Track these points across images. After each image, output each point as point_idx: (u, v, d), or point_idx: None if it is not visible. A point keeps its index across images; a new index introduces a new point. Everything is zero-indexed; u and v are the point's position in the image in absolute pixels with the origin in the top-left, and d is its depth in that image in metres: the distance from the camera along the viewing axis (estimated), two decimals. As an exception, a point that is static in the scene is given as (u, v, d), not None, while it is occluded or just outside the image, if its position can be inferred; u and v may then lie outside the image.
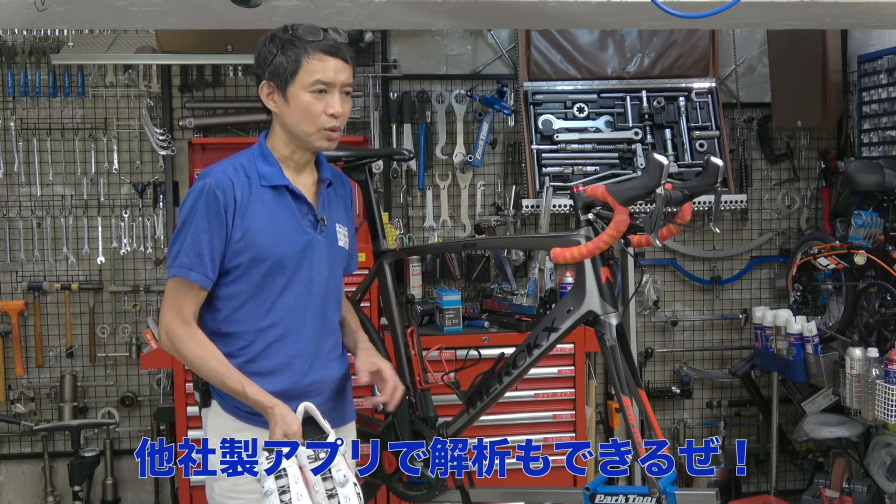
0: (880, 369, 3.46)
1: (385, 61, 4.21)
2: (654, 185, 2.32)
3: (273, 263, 2.23)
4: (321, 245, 2.31)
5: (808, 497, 4.08)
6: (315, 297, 2.31)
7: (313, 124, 2.23)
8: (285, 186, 2.26)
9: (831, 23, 2.97)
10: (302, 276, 2.27)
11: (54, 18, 2.66)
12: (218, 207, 2.19)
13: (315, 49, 2.21)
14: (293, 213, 2.27)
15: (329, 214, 2.36)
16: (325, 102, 2.23)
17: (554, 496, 2.87)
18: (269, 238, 2.23)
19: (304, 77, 2.21)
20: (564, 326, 2.58)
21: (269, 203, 2.24)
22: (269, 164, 2.27)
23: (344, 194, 2.47)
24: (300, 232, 2.27)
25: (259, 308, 2.25)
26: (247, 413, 2.23)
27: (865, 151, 4.04)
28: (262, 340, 2.25)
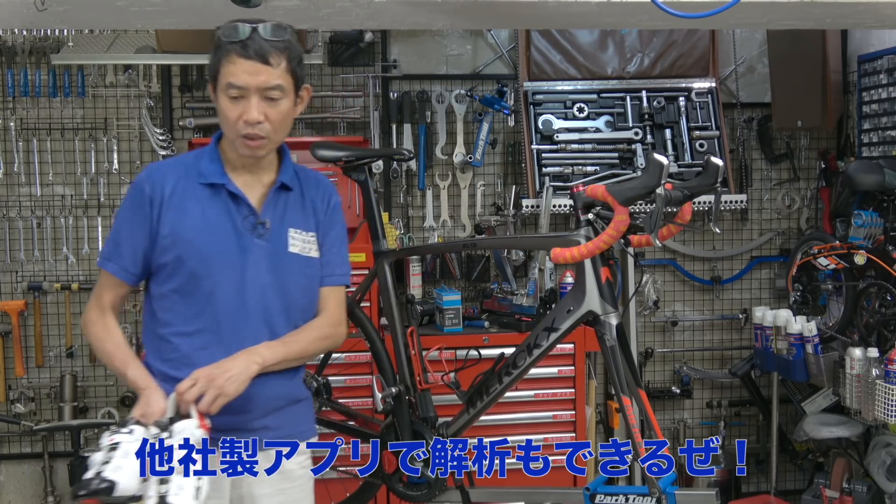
0: (880, 369, 3.46)
1: (385, 61, 4.21)
2: (654, 185, 2.32)
3: (199, 264, 2.14)
4: (260, 249, 2.18)
5: (808, 497, 4.08)
6: (250, 304, 2.17)
7: (231, 130, 2.13)
8: (223, 185, 2.18)
9: (831, 23, 2.97)
10: (233, 280, 2.16)
11: (54, 18, 2.66)
12: (142, 200, 2.14)
13: (230, 51, 2.08)
14: (229, 215, 2.17)
15: (279, 218, 2.22)
16: (242, 108, 2.10)
17: (554, 496, 2.87)
18: (198, 237, 2.14)
19: (221, 80, 2.10)
20: (564, 326, 2.58)
21: (203, 202, 2.16)
22: (211, 163, 2.20)
23: (316, 199, 2.30)
24: (233, 233, 2.17)
25: (187, 311, 2.16)
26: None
27: (865, 151, 4.04)
28: (190, 345, 2.16)
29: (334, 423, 3.10)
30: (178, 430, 1.98)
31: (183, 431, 1.97)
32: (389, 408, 2.89)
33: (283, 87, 2.12)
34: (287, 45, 2.12)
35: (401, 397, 2.87)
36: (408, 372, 2.91)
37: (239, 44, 2.07)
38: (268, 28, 2.10)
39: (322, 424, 3.09)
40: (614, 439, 4.25)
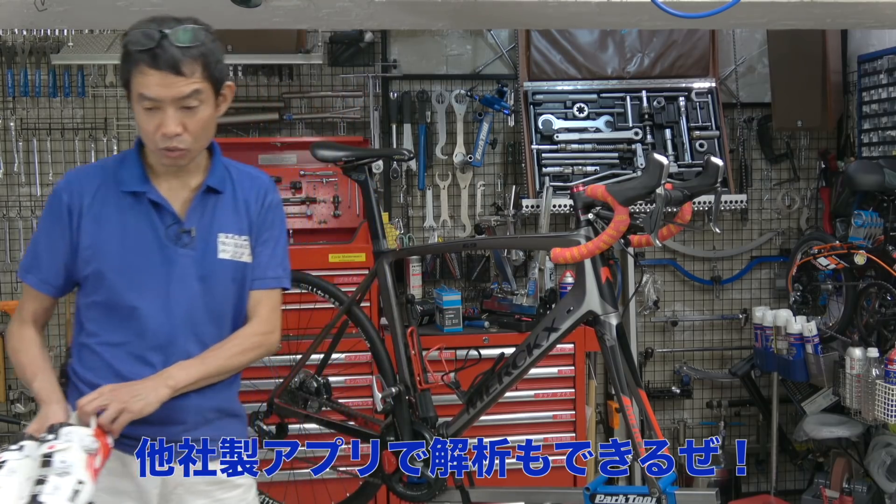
0: (880, 369, 3.46)
1: (385, 61, 4.21)
2: (654, 185, 2.32)
3: (120, 277, 2.04)
4: (186, 259, 2.07)
5: (808, 497, 4.08)
6: (177, 317, 2.07)
7: (150, 142, 2.01)
8: (144, 193, 2.06)
9: (831, 23, 2.97)
10: (156, 293, 2.06)
11: (54, 18, 2.66)
12: (61, 210, 2.05)
13: (138, 60, 1.93)
14: (151, 224, 2.06)
15: (208, 225, 2.11)
16: (158, 120, 1.96)
17: (554, 496, 2.87)
18: (118, 248, 2.04)
19: (134, 90, 1.96)
20: (564, 326, 2.58)
21: (124, 210, 2.06)
22: (133, 169, 2.08)
23: (250, 199, 2.17)
24: (155, 244, 2.06)
25: (110, 323, 2.07)
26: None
27: (865, 151, 4.04)
28: (113, 356, 2.07)
29: (334, 423, 3.10)
30: (64, 433, 1.88)
31: (70, 434, 1.87)
32: (389, 408, 2.89)
33: (200, 93, 1.98)
34: (202, 51, 1.97)
35: (401, 397, 2.87)
36: (408, 372, 2.91)
37: (148, 53, 1.92)
38: (178, 33, 1.94)
39: (322, 424, 3.09)
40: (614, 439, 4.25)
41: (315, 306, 3.18)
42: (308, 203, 3.96)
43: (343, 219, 3.99)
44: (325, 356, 3.14)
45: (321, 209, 3.98)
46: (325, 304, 3.13)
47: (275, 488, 3.17)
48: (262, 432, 3.06)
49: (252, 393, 3.31)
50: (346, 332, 3.12)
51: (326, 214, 3.98)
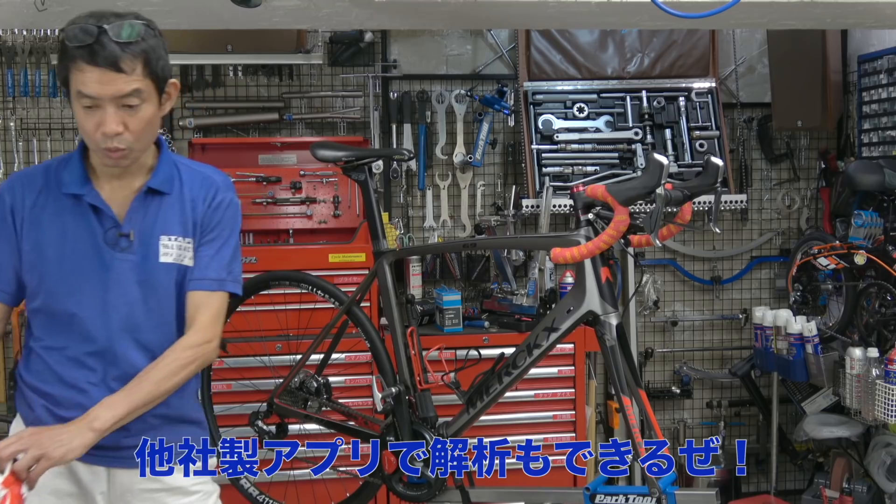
0: (880, 369, 3.46)
1: (385, 61, 4.21)
2: (654, 185, 2.32)
3: (59, 282, 1.99)
4: (125, 264, 2.01)
5: (808, 497, 4.08)
6: (115, 324, 2.01)
7: (90, 141, 1.94)
8: (83, 196, 2.00)
9: (831, 23, 2.97)
10: (94, 299, 2.00)
11: (54, 18, 2.66)
12: (4, 214, 1.99)
13: (76, 56, 1.86)
14: (89, 228, 2.00)
15: (149, 228, 2.04)
16: (98, 118, 1.89)
17: (554, 496, 2.87)
18: (56, 253, 1.99)
19: (72, 87, 1.89)
20: (564, 326, 2.58)
21: (64, 213, 1.99)
22: (74, 170, 2.02)
23: (197, 199, 2.10)
24: (92, 249, 2.00)
25: (52, 327, 2.03)
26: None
27: (865, 151, 4.04)
28: (57, 361, 2.03)
29: (334, 423, 3.10)
30: None
31: None
32: (389, 408, 2.89)
33: (141, 92, 1.91)
34: (143, 47, 1.90)
35: (401, 397, 2.87)
36: (408, 372, 2.91)
37: (86, 49, 1.85)
38: (118, 28, 1.87)
39: (322, 424, 3.09)
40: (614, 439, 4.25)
41: (315, 306, 3.19)
42: (308, 203, 3.96)
43: (343, 219, 3.99)
44: (325, 356, 3.14)
45: (321, 209, 3.98)
46: (325, 304, 3.13)
47: (275, 488, 3.17)
48: (262, 432, 3.06)
49: (252, 393, 3.33)
50: (346, 332, 3.12)
51: (326, 214, 3.98)
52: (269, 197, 3.92)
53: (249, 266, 3.49)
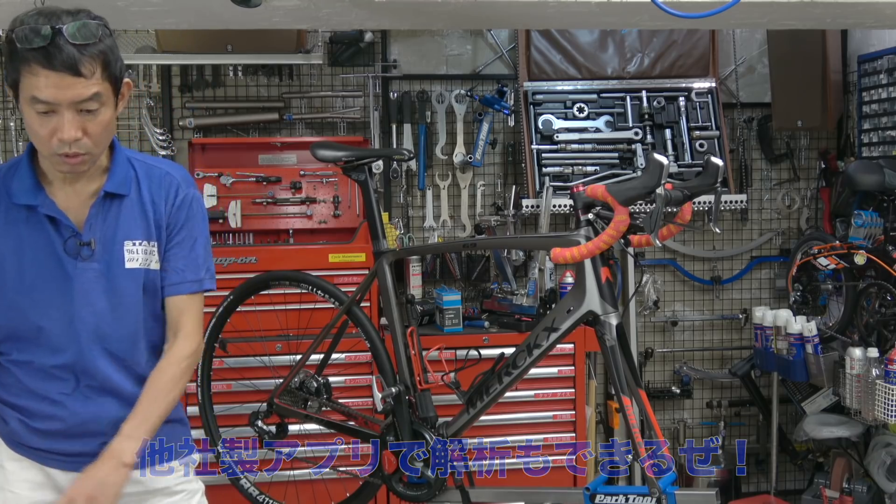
0: (880, 369, 3.46)
1: (385, 61, 4.21)
2: (654, 185, 2.32)
3: (20, 296, 1.91)
4: (89, 273, 1.93)
5: (808, 497, 4.08)
6: (83, 336, 1.94)
7: (44, 147, 1.83)
8: (37, 207, 1.90)
9: (831, 23, 2.97)
10: (61, 313, 1.93)
11: (54, 18, 2.66)
12: None
13: (29, 59, 1.73)
14: (47, 238, 1.91)
15: (111, 234, 1.96)
16: (53, 124, 1.78)
17: (554, 496, 2.87)
18: (15, 266, 1.90)
19: (23, 92, 1.77)
20: (564, 326, 2.58)
21: (18, 224, 1.90)
22: (24, 179, 1.91)
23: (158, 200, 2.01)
24: (53, 260, 1.92)
25: (16, 343, 1.96)
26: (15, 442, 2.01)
27: (865, 151, 4.04)
28: (26, 375, 1.96)
29: (334, 423, 3.10)
30: None
31: None
32: (389, 408, 2.89)
33: (101, 95, 1.81)
34: (101, 48, 1.80)
35: (401, 397, 2.87)
36: (408, 372, 2.91)
37: (40, 52, 1.72)
38: (74, 29, 1.74)
39: (322, 424, 3.09)
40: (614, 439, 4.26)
41: (315, 306, 3.19)
42: (308, 203, 3.96)
43: (343, 219, 3.99)
44: (325, 356, 3.14)
45: (321, 209, 3.98)
46: (325, 304, 3.13)
47: (275, 488, 3.17)
48: (262, 432, 3.06)
49: (252, 393, 3.33)
50: (346, 332, 3.12)
51: (326, 214, 3.98)
52: (269, 197, 3.93)
53: (249, 266, 3.49)
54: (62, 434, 1.98)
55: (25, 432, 1.99)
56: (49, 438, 1.98)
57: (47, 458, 2.00)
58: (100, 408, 1.99)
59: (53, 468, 2.01)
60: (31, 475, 2.00)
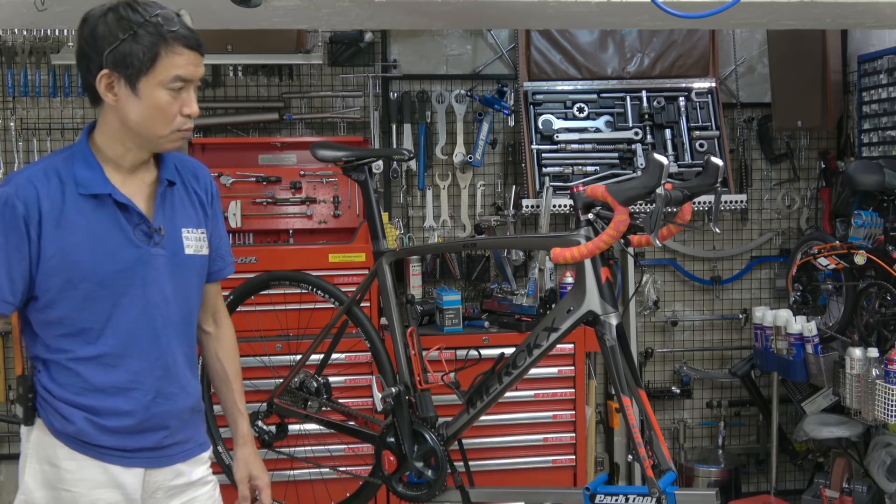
0: (880, 369, 3.46)
1: (385, 61, 4.21)
2: (654, 185, 2.32)
3: (94, 285, 1.93)
4: (159, 259, 2.00)
5: (808, 497, 4.08)
6: (156, 319, 2.01)
7: (167, 125, 1.95)
8: (108, 195, 1.95)
9: (831, 23, 2.98)
10: (134, 297, 1.97)
11: (54, 18, 2.66)
12: (16, 221, 1.88)
13: (175, 40, 1.90)
14: (119, 226, 1.96)
15: (171, 221, 2.04)
16: (182, 101, 1.95)
17: (554, 496, 2.87)
18: (88, 256, 1.92)
19: (161, 72, 1.90)
20: (564, 326, 2.58)
21: (87, 214, 1.93)
22: (90, 168, 1.95)
23: (198, 190, 2.13)
24: (128, 247, 1.96)
25: (82, 337, 1.96)
26: (80, 441, 1.99)
27: (865, 151, 4.04)
28: (92, 371, 1.97)
29: (334, 423, 3.10)
30: None
31: None
32: (389, 408, 2.89)
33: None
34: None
35: (401, 397, 2.87)
36: (408, 372, 2.91)
37: (182, 33, 1.91)
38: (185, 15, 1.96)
39: (322, 424, 3.09)
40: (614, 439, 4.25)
41: (315, 306, 3.19)
42: (308, 203, 3.96)
43: (343, 219, 3.99)
44: (325, 356, 3.14)
45: (321, 209, 3.98)
46: (325, 304, 3.13)
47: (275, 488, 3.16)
48: (262, 432, 3.06)
49: (252, 393, 3.31)
50: (346, 332, 3.13)
51: (326, 214, 3.98)
52: (269, 197, 3.93)
53: (250, 266, 3.50)
54: (131, 430, 2.00)
55: (94, 431, 1.98)
56: (117, 435, 1.99)
57: (111, 455, 2.00)
58: (167, 400, 2.04)
59: (115, 465, 2.01)
60: (92, 474, 1.99)
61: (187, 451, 2.10)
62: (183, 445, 2.10)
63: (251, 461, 2.29)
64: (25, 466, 2.00)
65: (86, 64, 1.93)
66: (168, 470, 2.07)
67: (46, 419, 1.99)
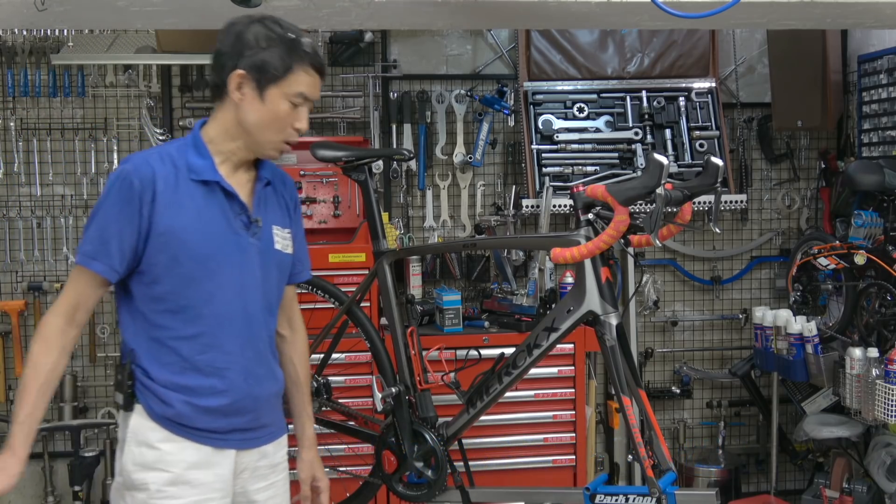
0: (880, 369, 3.46)
1: (385, 61, 4.21)
2: (654, 185, 2.32)
3: (197, 265, 2.05)
4: (253, 248, 2.14)
5: (808, 497, 4.08)
6: (249, 304, 2.14)
7: (279, 133, 2.12)
8: (217, 183, 2.09)
9: (831, 23, 2.98)
10: (231, 280, 2.10)
11: (54, 18, 2.66)
12: (132, 196, 2.00)
13: (308, 61, 2.09)
14: (223, 212, 2.10)
15: (265, 216, 2.18)
16: (296, 115, 2.12)
17: (554, 496, 2.87)
18: (194, 236, 2.05)
19: (289, 85, 2.08)
20: (564, 326, 2.58)
21: (197, 199, 2.07)
22: (201, 157, 2.09)
23: (286, 194, 2.29)
24: (229, 233, 2.10)
25: (184, 314, 2.07)
26: (177, 424, 2.08)
27: (865, 151, 4.04)
28: (190, 349, 2.07)
29: (334, 423, 3.10)
30: None
31: None
32: (389, 408, 2.89)
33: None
34: None
35: (401, 397, 2.87)
36: (408, 372, 2.91)
37: (316, 57, 2.12)
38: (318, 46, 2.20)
39: (322, 424, 3.09)
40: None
41: (315, 306, 3.19)
42: (308, 203, 3.96)
43: (343, 219, 3.99)
44: (325, 356, 3.14)
45: (321, 209, 3.98)
46: (325, 304, 3.13)
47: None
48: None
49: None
50: (346, 332, 3.13)
51: (326, 214, 3.98)
52: (270, 197, 3.93)
53: (249, 266, 3.49)
54: (225, 411, 2.10)
55: (192, 413, 2.08)
56: (211, 415, 2.09)
57: (206, 436, 2.10)
58: (258, 382, 2.17)
59: (210, 446, 2.10)
60: (188, 455, 2.08)
61: (271, 434, 2.23)
62: (269, 428, 2.22)
63: (315, 464, 2.41)
64: (124, 450, 2.10)
65: (221, 62, 2.08)
66: (255, 452, 2.19)
67: (146, 404, 2.08)
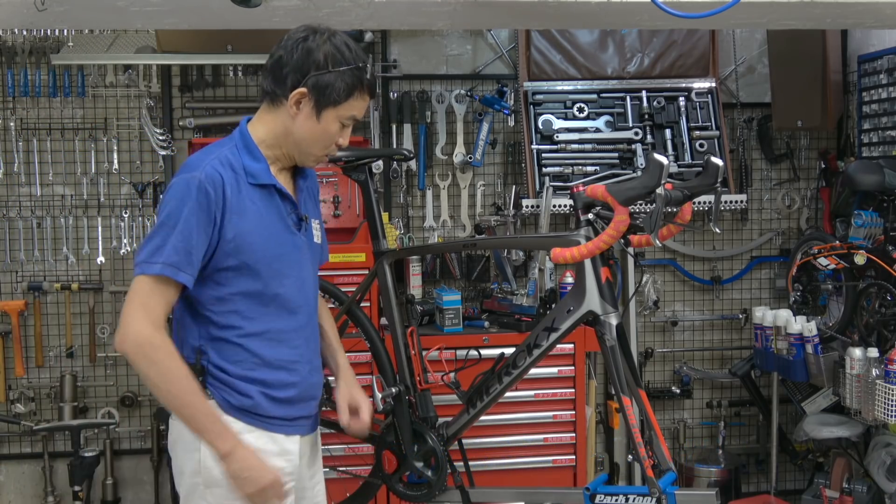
0: (880, 369, 3.46)
1: (385, 61, 4.21)
2: (654, 185, 2.32)
3: (265, 268, 2.13)
4: (304, 245, 2.26)
5: (808, 497, 4.08)
6: (308, 299, 2.27)
7: (324, 149, 2.22)
8: (273, 185, 2.17)
9: (831, 23, 2.98)
10: (293, 279, 2.21)
11: (54, 18, 2.66)
12: (208, 204, 2.05)
13: (367, 88, 2.18)
14: (280, 214, 2.19)
15: (306, 212, 2.30)
16: (342, 133, 2.22)
17: (554, 496, 2.87)
18: (259, 240, 2.12)
19: (346, 109, 2.16)
20: (564, 326, 2.58)
21: (257, 202, 2.14)
22: (257, 161, 2.16)
23: (312, 186, 2.39)
24: (287, 233, 2.21)
25: (253, 312, 2.15)
26: (253, 414, 2.15)
27: (865, 151, 4.05)
28: (259, 346, 2.15)
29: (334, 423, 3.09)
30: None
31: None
32: (389, 408, 2.89)
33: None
34: None
35: (401, 397, 2.87)
36: (408, 372, 2.91)
37: (372, 83, 2.20)
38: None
39: (322, 424, 3.08)
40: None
41: (315, 306, 3.18)
42: (308, 203, 3.96)
43: (343, 219, 3.99)
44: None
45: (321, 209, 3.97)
46: (325, 304, 3.12)
47: (275, 488, 3.16)
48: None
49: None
50: (346, 332, 3.12)
51: (326, 214, 3.98)
52: (270, 197, 3.93)
53: (249, 266, 3.49)
54: (294, 400, 2.22)
55: (268, 403, 2.17)
56: (283, 405, 2.20)
57: (278, 425, 2.19)
58: (318, 372, 2.33)
59: (281, 434, 2.21)
60: (264, 444, 2.16)
61: (318, 419, 2.39)
62: (318, 415, 2.38)
63: (354, 388, 2.46)
64: (200, 448, 2.12)
65: (284, 74, 2.13)
66: (311, 437, 2.35)
67: (220, 397, 2.14)
